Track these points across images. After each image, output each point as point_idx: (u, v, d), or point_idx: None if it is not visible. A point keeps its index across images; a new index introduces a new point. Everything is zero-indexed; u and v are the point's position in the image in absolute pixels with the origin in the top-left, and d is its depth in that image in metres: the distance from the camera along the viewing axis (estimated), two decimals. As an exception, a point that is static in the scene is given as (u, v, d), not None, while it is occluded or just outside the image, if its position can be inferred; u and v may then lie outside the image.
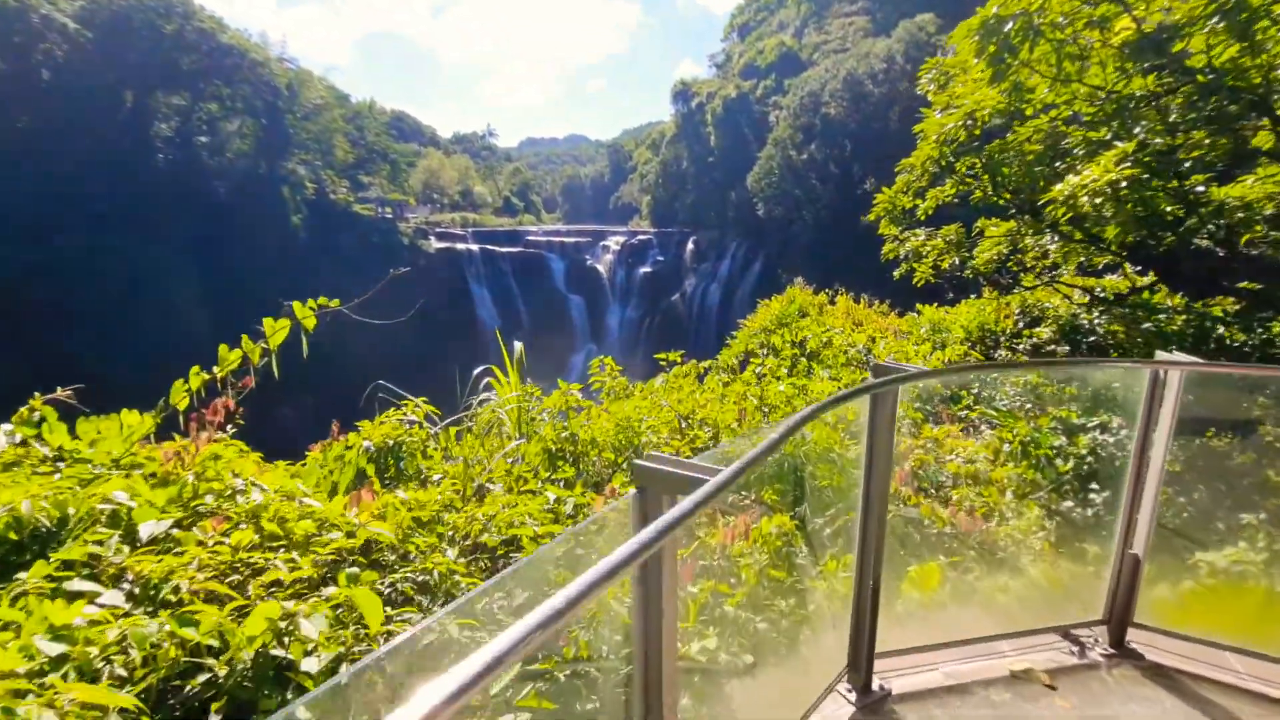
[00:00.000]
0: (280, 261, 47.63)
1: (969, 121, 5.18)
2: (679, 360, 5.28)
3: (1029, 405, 7.27)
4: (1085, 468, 4.93)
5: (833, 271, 50.96)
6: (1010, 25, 4.43)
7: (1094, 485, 4.77)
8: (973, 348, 8.01)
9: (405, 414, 3.58)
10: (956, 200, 7.40)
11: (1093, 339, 7.02)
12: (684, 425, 3.94)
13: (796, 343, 6.11)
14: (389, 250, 58.12)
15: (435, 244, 64.21)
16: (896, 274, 7.46)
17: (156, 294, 36.82)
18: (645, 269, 68.55)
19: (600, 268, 70.38)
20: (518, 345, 4.49)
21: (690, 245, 67.54)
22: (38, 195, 33.83)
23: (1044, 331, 8.17)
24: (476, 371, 4.42)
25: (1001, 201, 7.15)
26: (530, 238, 75.10)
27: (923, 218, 7.55)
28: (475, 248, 67.16)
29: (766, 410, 4.21)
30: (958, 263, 7.21)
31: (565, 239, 75.02)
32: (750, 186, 60.41)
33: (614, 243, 72.57)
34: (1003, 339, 8.19)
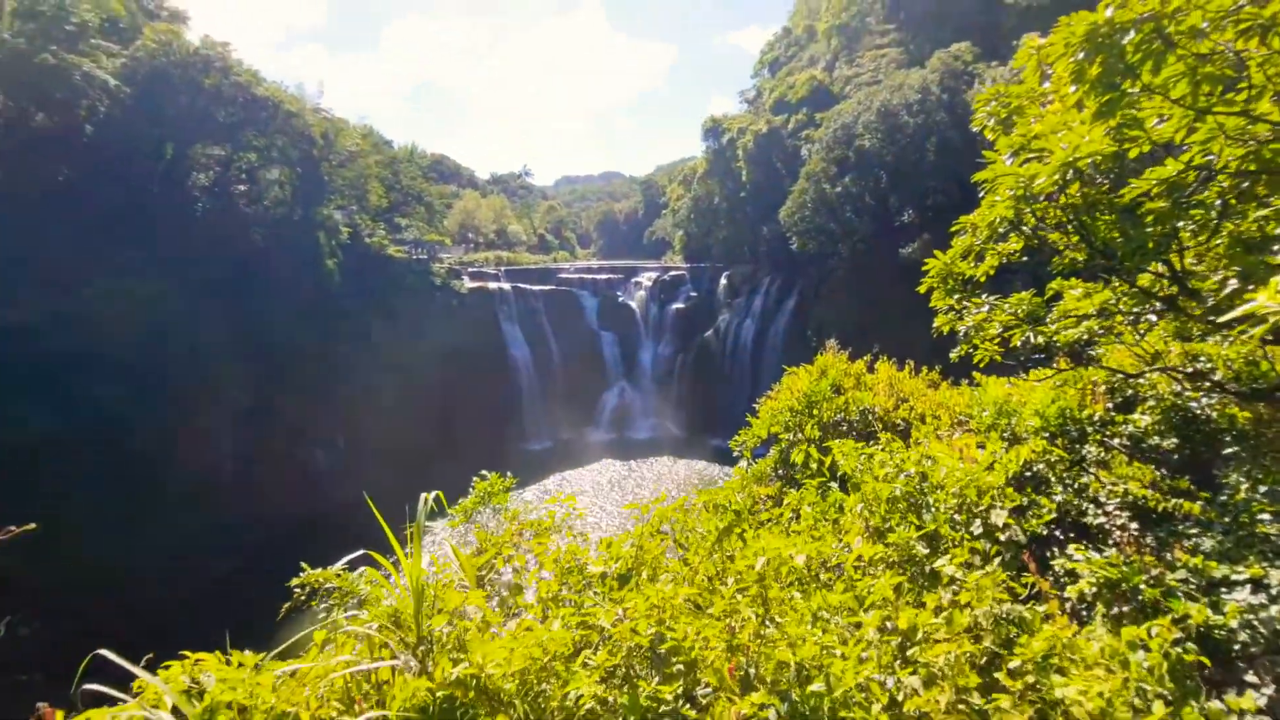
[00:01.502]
0: (314, 305, 48.02)
1: (1068, 175, 3.77)
2: (662, 500, 3.88)
3: (1134, 527, 5.60)
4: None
5: (871, 306, 49.44)
6: (1130, 36, 3.05)
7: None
8: (1052, 440, 6.40)
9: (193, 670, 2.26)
10: (1024, 259, 5.91)
11: (1231, 446, 5.38)
12: (645, 652, 2.54)
13: (825, 466, 4.67)
14: (421, 291, 58.34)
15: (468, 284, 64.35)
16: (954, 355, 5.97)
17: (186, 339, 37.14)
18: (678, 305, 67.56)
19: (633, 304, 69.73)
20: (425, 500, 3.16)
21: (723, 281, 66.35)
22: (72, 244, 34.59)
23: (1143, 419, 6.51)
24: (340, 566, 3.08)
25: (1083, 261, 5.64)
26: (562, 275, 75.08)
27: (982, 279, 6.06)
28: (507, 286, 67.19)
29: (772, 625, 2.78)
30: (1031, 337, 5.69)
31: (597, 275, 74.77)
32: (783, 221, 59.14)
33: (646, 279, 71.97)
34: (1089, 429, 6.55)
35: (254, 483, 40.19)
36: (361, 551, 3.12)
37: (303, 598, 5.17)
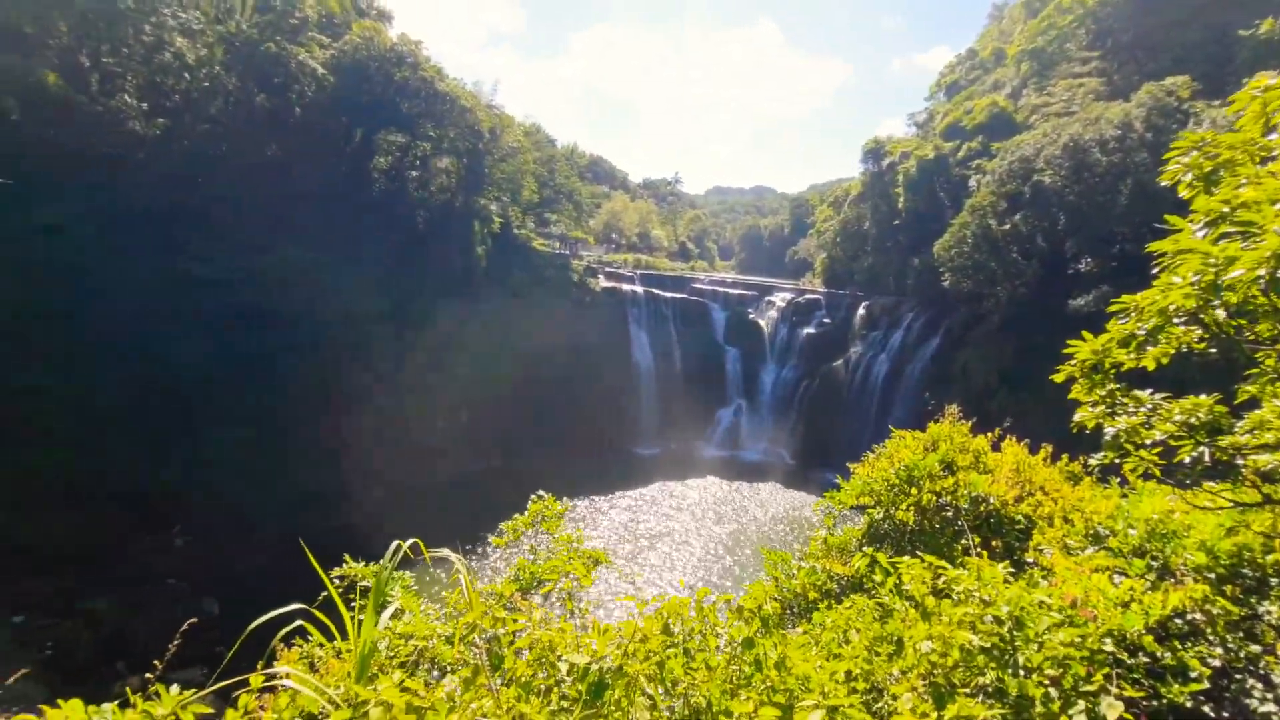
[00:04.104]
0: (459, 287, 51.34)
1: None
2: (729, 600, 3.23)
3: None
4: None
5: (1025, 358, 44.75)
6: None
7: None
8: (1218, 586, 5.00)
9: None
10: (1214, 351, 4.64)
11: None
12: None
13: (892, 583, 3.82)
14: (558, 285, 60.63)
15: (603, 283, 65.98)
16: (1096, 462, 4.84)
17: (344, 306, 41.00)
18: (809, 330, 65.05)
19: (762, 323, 68.18)
20: (394, 549, 2.83)
21: (861, 310, 62.91)
22: (268, 214, 39.34)
23: (1363, 581, 4.91)
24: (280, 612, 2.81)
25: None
26: (696, 285, 75.02)
27: (1151, 367, 4.85)
28: (640, 289, 68.16)
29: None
30: (1205, 455, 4.45)
31: (730, 290, 73.97)
32: (937, 254, 54.95)
33: (780, 299, 70.06)
34: (1274, 580, 5.06)
35: (383, 444, 43.53)
36: (298, 606, 2.85)
37: (341, 589, 5.15)
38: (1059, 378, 4.61)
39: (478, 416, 50.06)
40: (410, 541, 3.01)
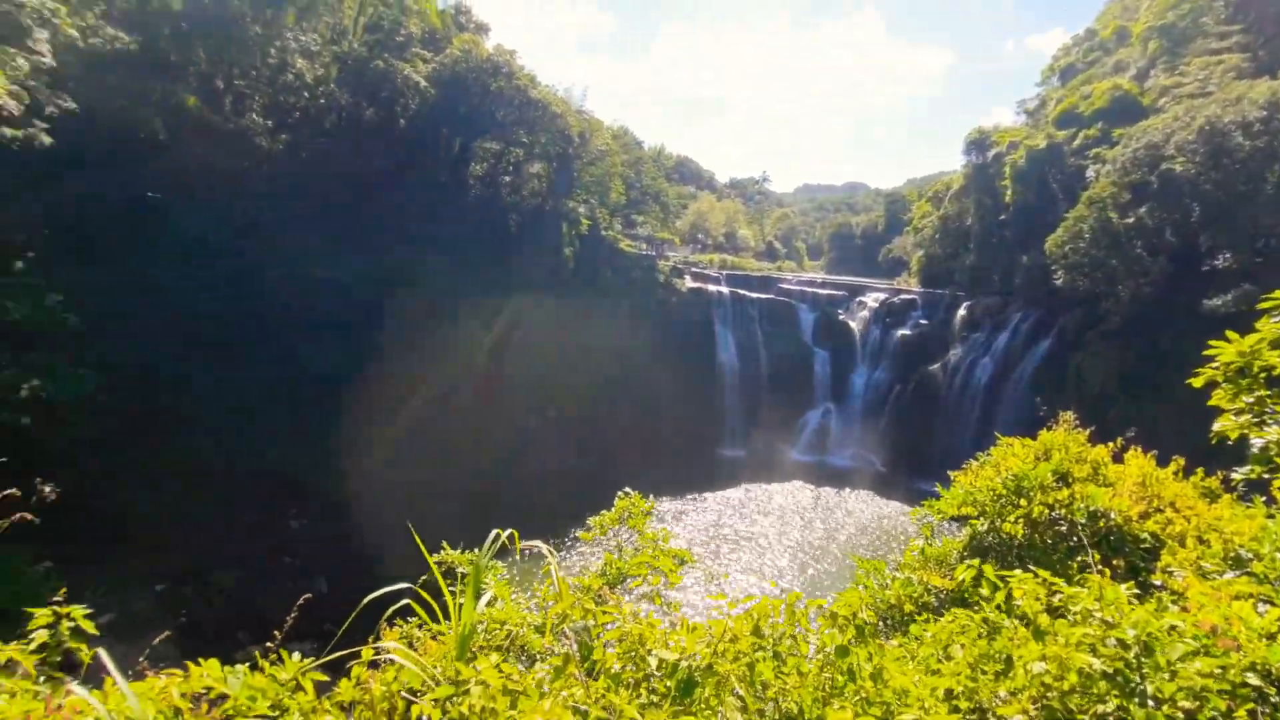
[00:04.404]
0: (549, 287, 52.77)
1: None
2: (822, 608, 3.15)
3: None
4: None
5: (1150, 364, 41.09)
6: None
7: None
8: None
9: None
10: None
11: None
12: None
13: (1002, 597, 3.55)
14: (645, 286, 61.09)
15: (689, 283, 65.89)
16: (1238, 477, 4.35)
17: (442, 307, 43.13)
18: (904, 331, 62.23)
19: (853, 324, 65.84)
20: (493, 537, 2.93)
21: (962, 311, 59.48)
22: (375, 220, 41.92)
23: None
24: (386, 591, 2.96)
25: None
26: (783, 285, 73.52)
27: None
28: (726, 290, 67.55)
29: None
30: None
31: (819, 290, 71.95)
32: (1049, 251, 51.20)
33: (872, 299, 67.38)
34: None
35: (477, 439, 45.38)
36: (404, 585, 3.00)
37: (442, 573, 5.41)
38: (1198, 382, 4.18)
39: (565, 413, 51.25)
40: (508, 532, 3.12)
